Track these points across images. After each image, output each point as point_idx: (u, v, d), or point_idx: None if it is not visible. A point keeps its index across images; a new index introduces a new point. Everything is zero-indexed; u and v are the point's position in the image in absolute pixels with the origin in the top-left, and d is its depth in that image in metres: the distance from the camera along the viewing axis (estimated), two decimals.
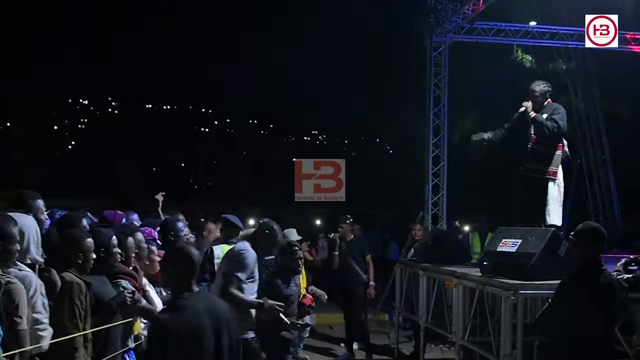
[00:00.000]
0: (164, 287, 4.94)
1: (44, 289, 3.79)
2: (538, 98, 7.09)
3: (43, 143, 52.09)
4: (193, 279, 3.53)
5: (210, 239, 6.80)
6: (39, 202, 4.44)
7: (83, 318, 3.89)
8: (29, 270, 3.76)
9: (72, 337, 3.76)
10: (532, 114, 6.99)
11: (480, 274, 6.23)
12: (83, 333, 3.85)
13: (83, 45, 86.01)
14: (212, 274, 5.79)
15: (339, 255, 9.35)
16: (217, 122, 74.48)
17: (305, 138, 72.04)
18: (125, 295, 4.25)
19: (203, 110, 74.82)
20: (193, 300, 3.44)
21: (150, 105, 72.17)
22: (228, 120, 73.93)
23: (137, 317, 4.61)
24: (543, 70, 16.71)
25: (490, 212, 12.58)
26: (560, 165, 7.04)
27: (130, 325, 4.50)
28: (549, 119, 6.90)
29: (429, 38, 12.14)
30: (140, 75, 76.48)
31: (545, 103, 7.11)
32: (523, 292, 5.47)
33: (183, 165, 62.44)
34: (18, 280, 3.59)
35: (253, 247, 5.28)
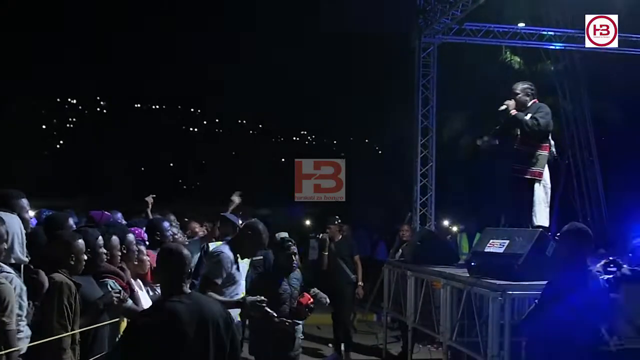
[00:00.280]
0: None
1: (26, 291, 3.77)
2: (519, 96, 7.05)
3: (32, 143, 51.72)
4: (183, 281, 3.42)
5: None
6: (24, 201, 4.41)
7: (72, 319, 3.85)
8: (12, 272, 3.74)
9: (59, 337, 3.74)
10: (512, 112, 6.96)
11: (468, 275, 6.25)
12: (71, 333, 3.83)
13: (71, 45, 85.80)
14: None
15: (328, 256, 9.37)
16: (205, 122, 74.39)
17: (294, 138, 71.98)
18: (112, 295, 4.23)
19: (192, 110, 74.74)
20: (177, 304, 3.33)
21: (139, 105, 72.04)
22: (217, 121, 73.87)
23: (122, 317, 4.59)
24: (531, 72, 16.75)
25: (478, 213, 12.62)
26: (547, 166, 7.00)
27: (117, 326, 4.46)
28: (532, 118, 6.86)
29: (418, 39, 12.11)
30: (129, 75, 76.18)
31: (531, 103, 7.08)
32: (510, 292, 5.50)
33: (172, 165, 62.29)
34: (7, 281, 3.58)
35: (236, 248, 5.17)
